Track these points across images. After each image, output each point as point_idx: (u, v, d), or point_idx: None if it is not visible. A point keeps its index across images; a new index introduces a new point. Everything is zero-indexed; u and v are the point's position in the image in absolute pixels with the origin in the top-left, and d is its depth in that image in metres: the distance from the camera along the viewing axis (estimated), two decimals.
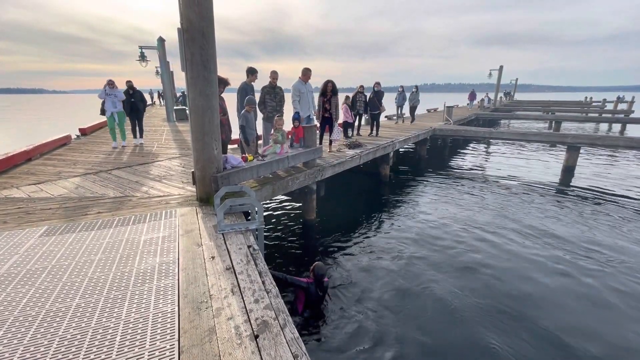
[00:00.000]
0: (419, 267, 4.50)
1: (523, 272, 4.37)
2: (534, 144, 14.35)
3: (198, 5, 3.23)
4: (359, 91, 9.29)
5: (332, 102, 7.07)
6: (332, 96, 7.05)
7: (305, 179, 5.20)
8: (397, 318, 3.49)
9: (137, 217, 3.41)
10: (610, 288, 4.02)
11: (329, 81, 7.04)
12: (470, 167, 10.61)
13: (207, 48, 3.36)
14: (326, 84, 7.05)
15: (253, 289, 2.17)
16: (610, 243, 5.17)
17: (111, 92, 7.33)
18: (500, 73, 25.27)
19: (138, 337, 1.72)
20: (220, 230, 3.03)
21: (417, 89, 13.66)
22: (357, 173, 9.10)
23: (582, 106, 30.28)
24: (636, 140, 8.91)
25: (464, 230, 5.64)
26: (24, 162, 5.99)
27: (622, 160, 11.45)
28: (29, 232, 3.00)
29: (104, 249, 2.69)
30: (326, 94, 7.03)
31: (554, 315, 3.54)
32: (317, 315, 3.48)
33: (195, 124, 3.59)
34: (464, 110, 21.82)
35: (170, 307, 1.98)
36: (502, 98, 32.80)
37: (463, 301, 3.77)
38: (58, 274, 2.32)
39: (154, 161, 6.23)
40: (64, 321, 1.84)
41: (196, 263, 2.50)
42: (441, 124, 13.32)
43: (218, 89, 4.62)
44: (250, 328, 1.80)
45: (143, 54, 14.62)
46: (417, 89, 13.68)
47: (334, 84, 7.05)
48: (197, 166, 3.73)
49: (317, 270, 3.51)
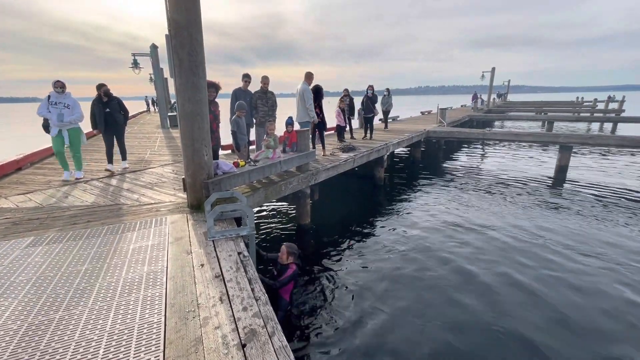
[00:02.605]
0: (414, 270, 4.48)
1: (519, 272, 4.36)
2: (527, 144, 14.47)
3: (186, 10, 3.22)
4: (344, 95, 9.29)
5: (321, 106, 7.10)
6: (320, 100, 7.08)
7: (299, 183, 5.18)
8: (392, 324, 3.46)
9: (126, 225, 3.36)
10: (610, 281, 4.02)
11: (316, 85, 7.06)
12: (464, 169, 10.65)
13: (196, 54, 3.35)
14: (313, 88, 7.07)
15: (242, 297, 2.13)
16: (605, 240, 5.18)
17: (58, 100, 5.05)
18: (492, 75, 25.56)
19: (122, 350, 1.68)
20: (210, 237, 2.99)
21: (389, 92, 12.06)
22: (351, 176, 9.09)
23: (574, 106, 30.66)
24: (627, 139, 9.00)
25: (458, 232, 5.63)
26: (14, 172, 5.91)
27: (614, 159, 11.56)
28: (14, 243, 2.95)
29: (91, 259, 2.64)
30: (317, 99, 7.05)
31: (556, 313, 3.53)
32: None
33: (185, 130, 3.56)
34: (458, 112, 21.98)
35: (157, 318, 1.93)
36: (495, 99, 33.13)
37: (458, 303, 3.74)
38: (42, 285, 2.27)
39: (146, 168, 6.18)
40: (46, 334, 1.79)
41: (185, 271, 2.46)
42: (435, 126, 13.39)
43: (210, 94, 4.64)
44: (237, 337, 1.77)
45: (136, 61, 14.60)
46: (389, 92, 12.12)
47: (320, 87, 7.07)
48: (188, 172, 3.70)
49: (294, 250, 3.51)
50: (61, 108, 5.05)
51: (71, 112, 5.14)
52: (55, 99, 5.03)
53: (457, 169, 10.61)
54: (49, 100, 5.02)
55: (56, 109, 5.03)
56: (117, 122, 5.81)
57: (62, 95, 5.09)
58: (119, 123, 5.86)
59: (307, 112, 6.32)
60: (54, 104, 5.02)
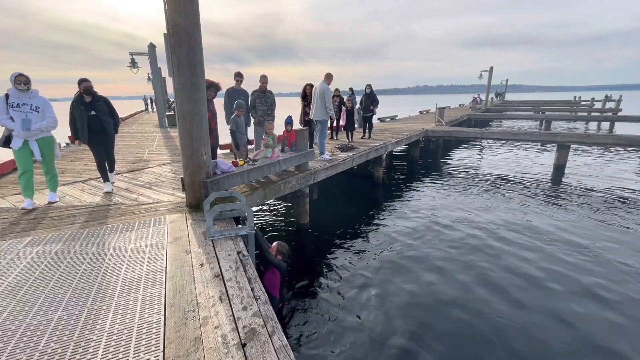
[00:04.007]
0: (415, 270, 4.48)
1: (520, 271, 4.37)
2: (525, 143, 14.52)
3: (184, 10, 3.20)
4: (335, 95, 9.09)
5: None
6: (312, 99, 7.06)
7: (298, 183, 5.18)
8: (391, 324, 3.46)
9: (125, 225, 3.35)
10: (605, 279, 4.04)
11: (308, 84, 7.07)
12: (462, 168, 10.67)
13: (194, 53, 3.34)
14: (305, 88, 7.08)
15: (242, 296, 2.13)
16: (602, 239, 5.21)
17: (22, 101, 3.73)
18: (490, 74, 25.62)
19: (121, 350, 1.67)
20: (209, 237, 2.99)
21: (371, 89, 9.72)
22: (350, 176, 9.10)
23: (572, 105, 30.78)
24: (624, 137, 9.05)
25: (458, 231, 5.64)
26: (12, 172, 5.88)
27: (611, 157, 11.62)
28: (12, 244, 2.93)
29: (89, 259, 2.63)
30: (307, 98, 7.05)
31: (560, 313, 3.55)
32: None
33: (183, 130, 3.55)
34: (456, 112, 22.03)
35: (156, 317, 1.93)
36: (493, 98, 33.22)
37: (459, 303, 3.75)
38: (41, 286, 2.26)
39: (145, 168, 6.16)
40: (45, 335, 1.78)
41: (184, 271, 2.45)
42: (433, 125, 13.42)
43: (209, 93, 4.63)
44: (237, 336, 1.77)
45: (134, 60, 14.56)
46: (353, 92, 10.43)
47: (312, 86, 7.06)
48: (186, 172, 3.69)
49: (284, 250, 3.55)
50: (27, 111, 3.74)
51: (41, 116, 3.86)
52: (17, 99, 3.71)
53: (455, 168, 10.62)
54: (7, 101, 3.68)
55: (20, 113, 3.71)
56: (106, 129, 4.45)
57: (26, 94, 3.73)
58: (108, 130, 4.48)
59: (326, 111, 6.42)
60: (16, 107, 3.70)
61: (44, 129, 3.90)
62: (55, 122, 4.02)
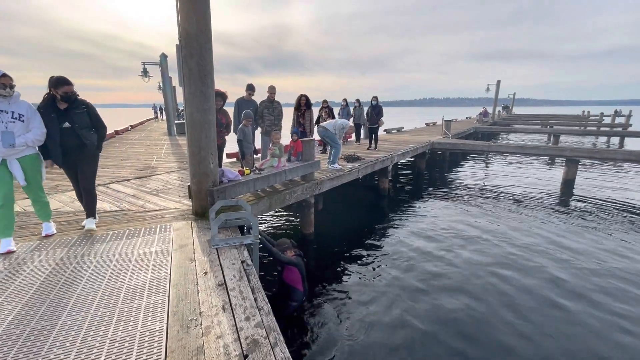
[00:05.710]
0: (420, 283, 4.41)
1: (529, 288, 4.28)
2: (533, 157, 14.38)
3: (196, 20, 3.29)
4: (323, 107, 9.01)
5: (305, 116, 7.09)
6: (306, 110, 7.08)
7: (303, 193, 5.18)
8: (395, 337, 3.39)
9: (131, 231, 3.37)
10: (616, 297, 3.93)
11: (303, 95, 7.11)
12: (469, 181, 10.59)
13: (205, 64, 3.41)
14: (300, 98, 7.12)
15: (245, 306, 2.11)
16: (615, 252, 5.09)
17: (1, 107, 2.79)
18: (497, 87, 25.65)
19: (123, 357, 1.66)
20: (214, 245, 2.99)
21: (359, 104, 10.51)
22: (356, 187, 9.07)
23: (580, 120, 30.53)
24: (635, 153, 8.91)
25: (463, 247, 5.56)
26: None
27: (622, 173, 11.43)
28: (20, 247, 2.96)
29: (95, 265, 2.65)
30: (300, 108, 7.09)
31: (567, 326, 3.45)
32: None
33: (191, 138, 3.60)
34: (463, 124, 21.99)
35: (159, 325, 1.92)
36: (500, 112, 33.13)
37: (466, 317, 3.67)
38: (46, 290, 2.28)
39: (152, 175, 6.23)
40: (48, 340, 1.78)
41: (188, 279, 2.45)
42: (440, 137, 13.39)
43: (216, 103, 4.70)
44: (239, 347, 1.75)
45: (145, 69, 14.90)
46: (360, 103, 10.57)
47: (307, 98, 7.12)
48: (193, 180, 3.72)
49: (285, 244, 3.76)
50: (7, 120, 2.80)
51: (25, 127, 2.92)
52: None
53: (462, 181, 10.54)
54: None
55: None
56: (83, 146, 3.22)
57: (5, 100, 2.81)
58: (87, 148, 3.24)
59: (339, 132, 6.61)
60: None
61: (30, 144, 2.94)
62: (43, 135, 3.02)
